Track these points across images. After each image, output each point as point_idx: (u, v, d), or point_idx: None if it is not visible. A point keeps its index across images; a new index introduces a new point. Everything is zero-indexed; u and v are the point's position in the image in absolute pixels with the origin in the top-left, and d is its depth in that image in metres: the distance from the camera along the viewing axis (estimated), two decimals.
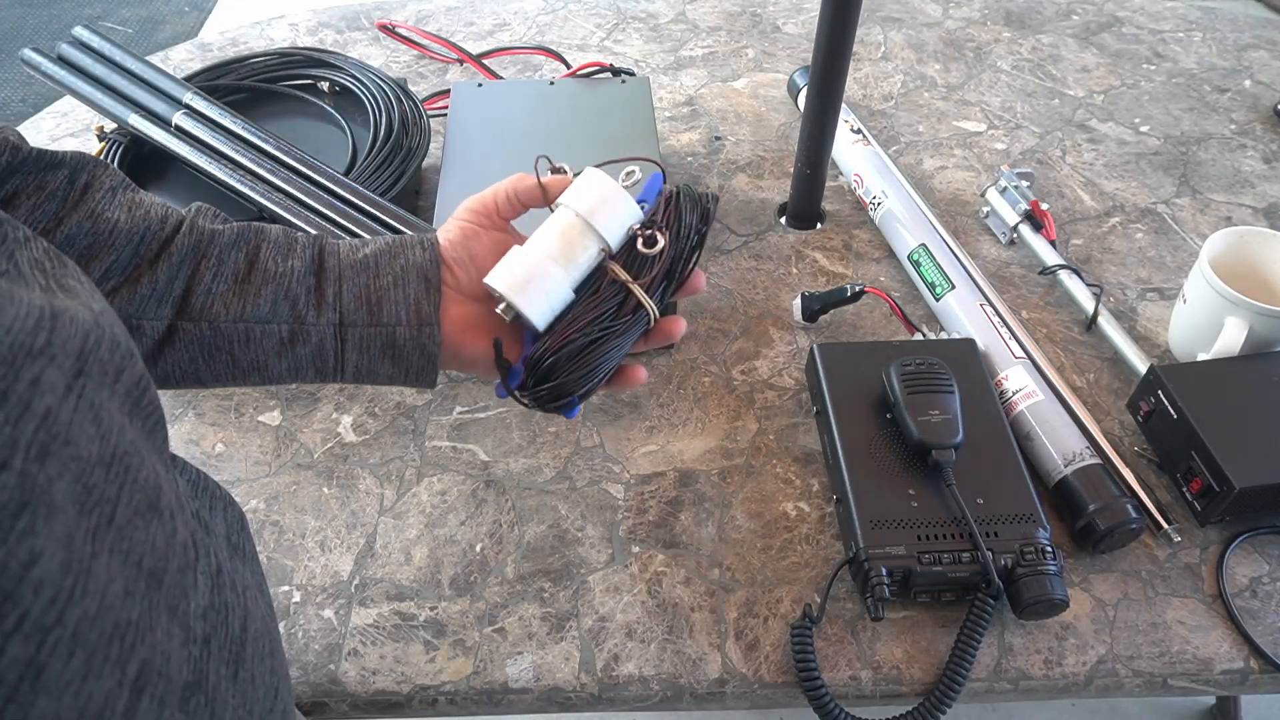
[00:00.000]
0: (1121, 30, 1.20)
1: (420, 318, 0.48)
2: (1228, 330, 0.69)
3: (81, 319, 0.26)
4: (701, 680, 0.58)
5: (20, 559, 0.21)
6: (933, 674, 0.58)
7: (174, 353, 0.46)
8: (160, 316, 0.45)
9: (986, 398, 0.67)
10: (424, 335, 0.48)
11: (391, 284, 0.48)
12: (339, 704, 0.58)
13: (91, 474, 0.25)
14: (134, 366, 0.29)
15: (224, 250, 0.47)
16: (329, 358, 0.48)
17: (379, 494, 0.68)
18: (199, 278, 0.46)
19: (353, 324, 0.47)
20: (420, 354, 0.49)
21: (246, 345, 0.46)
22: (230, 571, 0.36)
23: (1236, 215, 0.91)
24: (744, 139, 1.00)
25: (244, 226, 0.48)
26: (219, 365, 0.47)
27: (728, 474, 0.69)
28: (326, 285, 0.47)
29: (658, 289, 0.49)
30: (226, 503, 0.42)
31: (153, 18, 2.94)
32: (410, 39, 1.13)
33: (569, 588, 0.62)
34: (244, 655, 0.34)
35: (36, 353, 0.23)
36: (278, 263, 0.47)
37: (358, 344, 0.48)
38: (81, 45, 0.84)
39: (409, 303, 0.48)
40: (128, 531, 0.26)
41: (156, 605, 0.27)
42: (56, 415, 0.23)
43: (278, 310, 0.46)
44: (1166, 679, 0.59)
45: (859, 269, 0.85)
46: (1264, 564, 0.64)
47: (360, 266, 0.48)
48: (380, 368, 0.49)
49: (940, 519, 0.60)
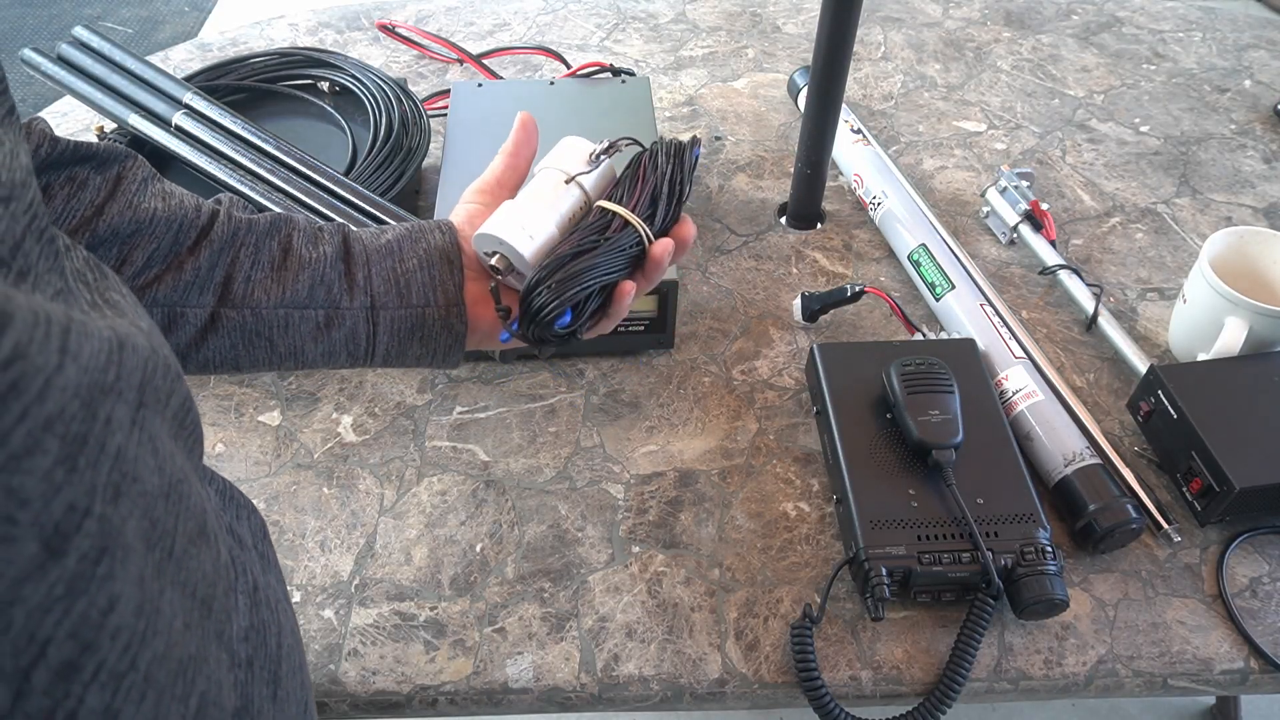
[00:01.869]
0: (1121, 30, 1.20)
1: (447, 298, 0.49)
2: (1228, 330, 0.69)
3: (140, 346, 0.25)
4: (701, 680, 0.58)
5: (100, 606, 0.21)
6: (933, 674, 0.58)
7: (216, 340, 0.46)
8: (203, 304, 0.46)
9: (986, 398, 0.67)
10: (451, 315, 0.49)
11: (417, 267, 0.49)
12: (339, 704, 0.58)
13: (155, 507, 0.24)
14: (180, 388, 0.29)
15: (260, 238, 0.47)
16: (361, 340, 0.49)
17: (379, 494, 0.68)
18: (239, 265, 0.46)
19: (384, 306, 0.48)
20: (448, 334, 0.50)
21: (285, 331, 0.47)
22: (264, 586, 0.36)
23: (1236, 215, 0.91)
24: (744, 139, 1.00)
25: (275, 216, 0.49)
26: (258, 351, 0.47)
27: (728, 474, 0.69)
28: (356, 270, 0.48)
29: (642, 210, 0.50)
30: (250, 511, 0.42)
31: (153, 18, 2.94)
32: (410, 39, 1.13)
33: (569, 588, 0.62)
34: (280, 673, 0.34)
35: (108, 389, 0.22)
36: (309, 250, 0.48)
37: (389, 326, 0.49)
38: (81, 45, 0.84)
39: (435, 284, 0.49)
40: (184, 562, 0.26)
41: (208, 634, 0.27)
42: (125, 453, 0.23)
43: (314, 295, 0.47)
44: (1166, 679, 0.59)
45: (859, 269, 0.85)
46: (1264, 564, 0.64)
47: (385, 251, 0.49)
48: (409, 349, 0.50)
49: (940, 519, 0.60)
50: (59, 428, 0.19)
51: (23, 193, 0.25)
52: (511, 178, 0.53)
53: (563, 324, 0.49)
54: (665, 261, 0.50)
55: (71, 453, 0.20)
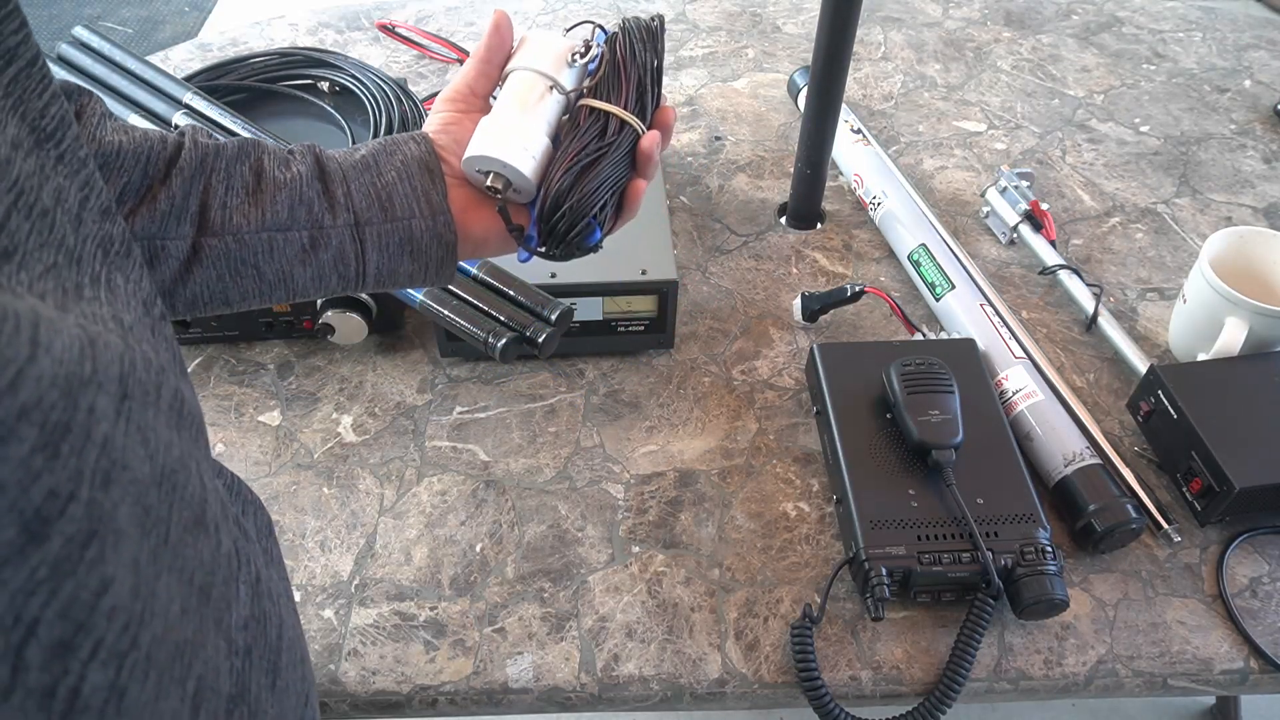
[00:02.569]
0: (1121, 30, 1.20)
1: (433, 208, 0.47)
2: (1228, 330, 0.69)
3: (113, 344, 0.25)
4: (701, 680, 0.58)
5: (92, 588, 0.21)
6: (933, 674, 0.58)
7: (201, 271, 0.45)
8: (182, 235, 0.44)
9: (986, 398, 0.67)
10: (439, 224, 0.48)
11: (396, 179, 0.47)
12: (339, 704, 0.58)
13: (148, 495, 0.25)
14: (169, 381, 0.29)
15: (229, 163, 0.46)
16: (350, 260, 0.47)
17: (379, 494, 0.68)
18: (212, 191, 0.45)
19: (368, 222, 0.47)
20: (438, 244, 0.48)
21: (270, 255, 0.46)
22: (267, 579, 0.36)
23: (1236, 215, 0.91)
24: (744, 139, 1.00)
25: (241, 140, 0.47)
26: (246, 281, 0.46)
27: (728, 474, 0.69)
28: (334, 187, 0.47)
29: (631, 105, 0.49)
30: (257, 507, 0.42)
31: (153, 18, 2.93)
32: (410, 39, 1.13)
33: (569, 588, 0.62)
34: (280, 664, 0.34)
35: (86, 380, 0.23)
36: (282, 171, 0.46)
37: (376, 242, 0.47)
38: (81, 45, 0.84)
39: (418, 195, 0.47)
40: (180, 549, 0.26)
41: (206, 620, 0.27)
42: (113, 440, 0.23)
43: (295, 216, 0.46)
44: (1166, 679, 0.59)
45: (859, 269, 0.85)
46: (1264, 564, 0.64)
47: (361, 166, 0.47)
48: (400, 266, 0.48)
49: (940, 519, 0.60)
50: (36, 416, 0.20)
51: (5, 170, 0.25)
52: (485, 85, 0.51)
53: (594, 240, 0.48)
54: (656, 155, 0.48)
55: (53, 440, 0.20)
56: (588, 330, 0.74)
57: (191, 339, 0.77)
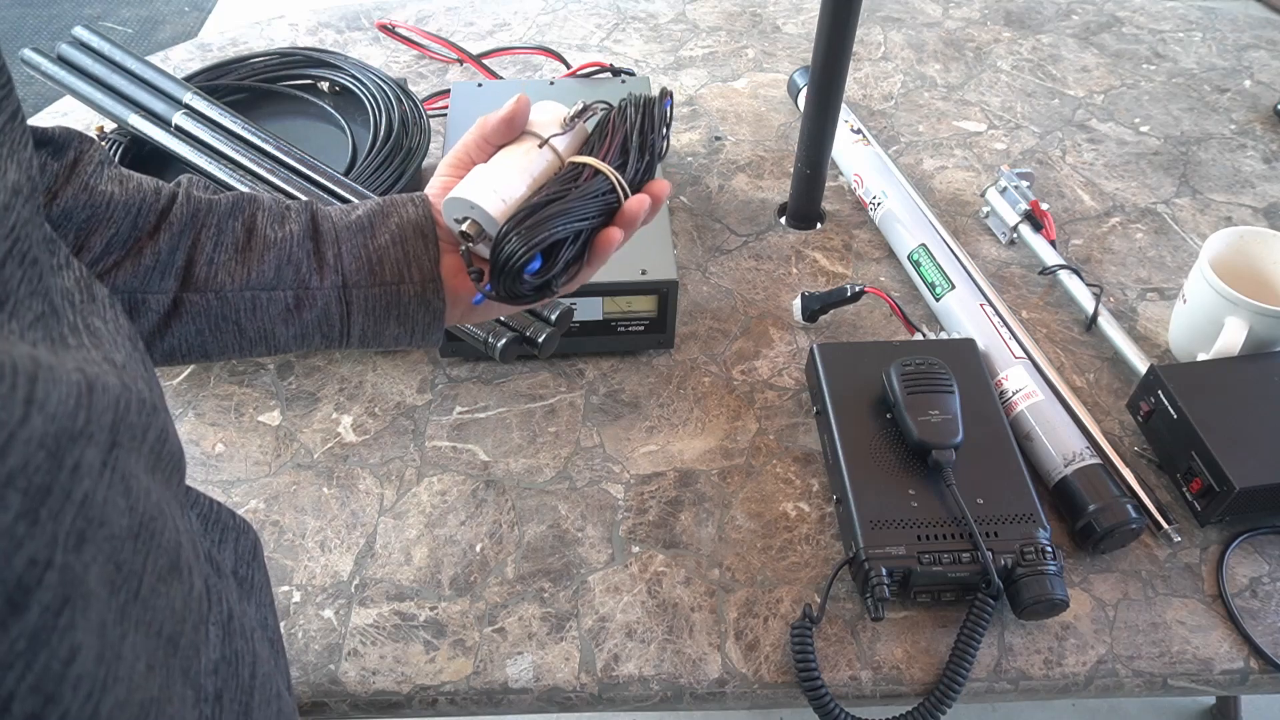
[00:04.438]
0: (1121, 30, 1.20)
1: (423, 274, 0.47)
2: (1228, 330, 0.69)
3: (110, 386, 0.25)
4: (701, 680, 0.58)
5: (62, 657, 0.20)
6: (933, 674, 0.58)
7: (180, 326, 0.45)
8: (165, 290, 0.44)
9: (986, 398, 0.67)
10: (428, 292, 0.48)
11: (389, 243, 0.47)
12: (339, 704, 0.58)
13: (122, 550, 0.24)
14: (157, 420, 0.28)
15: (222, 219, 0.46)
16: (335, 322, 0.47)
17: (379, 494, 0.68)
18: (200, 247, 0.45)
19: (357, 285, 0.46)
20: (425, 311, 0.48)
21: (253, 314, 0.46)
22: (240, 615, 0.35)
23: (1236, 215, 0.91)
24: (744, 139, 1.00)
25: (238, 195, 0.47)
26: (226, 336, 0.46)
27: (728, 474, 0.69)
28: (325, 248, 0.46)
29: (614, 162, 0.49)
30: (239, 532, 0.41)
31: (153, 18, 2.93)
32: (410, 39, 1.13)
33: (569, 588, 0.62)
34: (252, 704, 0.34)
35: (77, 434, 0.22)
36: (275, 229, 0.46)
37: (363, 305, 0.47)
38: (81, 45, 0.84)
39: (409, 260, 0.47)
40: (151, 601, 0.25)
41: (173, 672, 0.27)
42: (93, 498, 0.22)
43: (282, 276, 0.46)
44: (1166, 679, 0.59)
45: (859, 269, 0.85)
46: (1264, 564, 0.64)
47: (356, 228, 0.47)
48: (386, 329, 0.48)
49: (940, 519, 0.60)
50: (21, 481, 0.19)
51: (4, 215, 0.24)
52: (481, 155, 0.51)
53: (532, 270, 0.47)
54: (640, 217, 0.48)
55: (33, 505, 0.20)
56: (588, 330, 0.74)
57: None
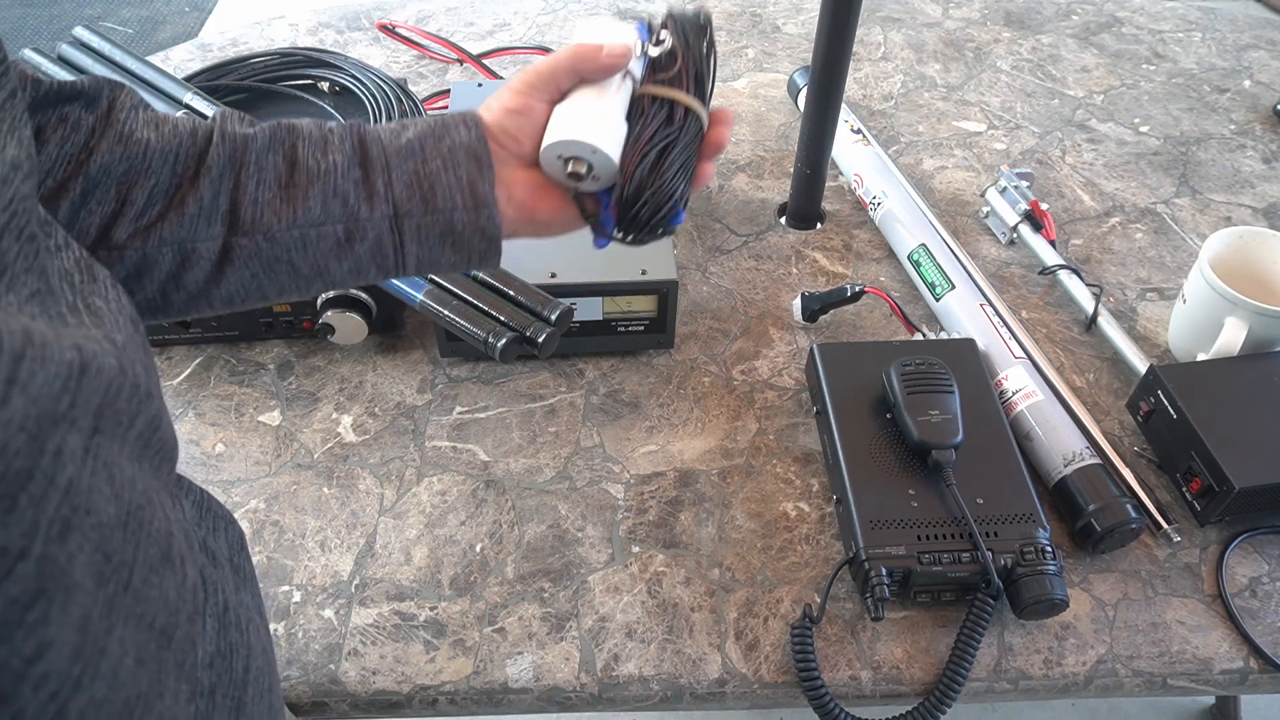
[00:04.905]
0: (1121, 30, 1.20)
1: (476, 199, 0.45)
2: (1227, 330, 0.69)
3: (107, 368, 0.24)
4: (701, 680, 0.58)
5: (25, 655, 0.19)
6: (933, 674, 0.58)
7: (235, 271, 0.44)
8: (213, 236, 0.43)
9: (986, 398, 0.67)
10: (482, 218, 0.46)
11: (441, 167, 0.45)
12: (339, 704, 0.58)
13: (110, 539, 0.23)
14: (149, 407, 0.27)
15: (260, 155, 0.44)
16: (388, 253, 0.46)
17: (379, 494, 0.68)
18: (242, 188, 0.43)
19: (408, 214, 0.45)
20: (480, 238, 0.46)
21: (304, 251, 0.44)
22: (235, 605, 0.35)
23: (1236, 215, 0.91)
24: (744, 139, 1.00)
25: (275, 126, 0.45)
26: (281, 276, 0.45)
27: (728, 474, 0.69)
28: (375, 176, 0.44)
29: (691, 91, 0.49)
30: (228, 522, 0.41)
31: (153, 18, 2.93)
32: (410, 39, 1.13)
33: (569, 588, 0.62)
34: (245, 698, 0.33)
35: (60, 419, 0.21)
36: (318, 160, 0.44)
37: (415, 234, 0.45)
38: (81, 45, 0.84)
39: (462, 185, 0.45)
40: (143, 592, 0.25)
41: (166, 666, 0.26)
42: (78, 484, 0.22)
43: (329, 210, 0.44)
44: (1166, 679, 0.59)
45: (859, 269, 0.85)
46: (1264, 564, 0.64)
47: (406, 152, 0.45)
48: (441, 256, 0.47)
49: (940, 519, 0.60)
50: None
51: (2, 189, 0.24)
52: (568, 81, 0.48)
53: (677, 221, 0.48)
54: (726, 142, 0.48)
55: (12, 491, 0.19)
56: (588, 330, 0.74)
57: (191, 339, 0.77)
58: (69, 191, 0.39)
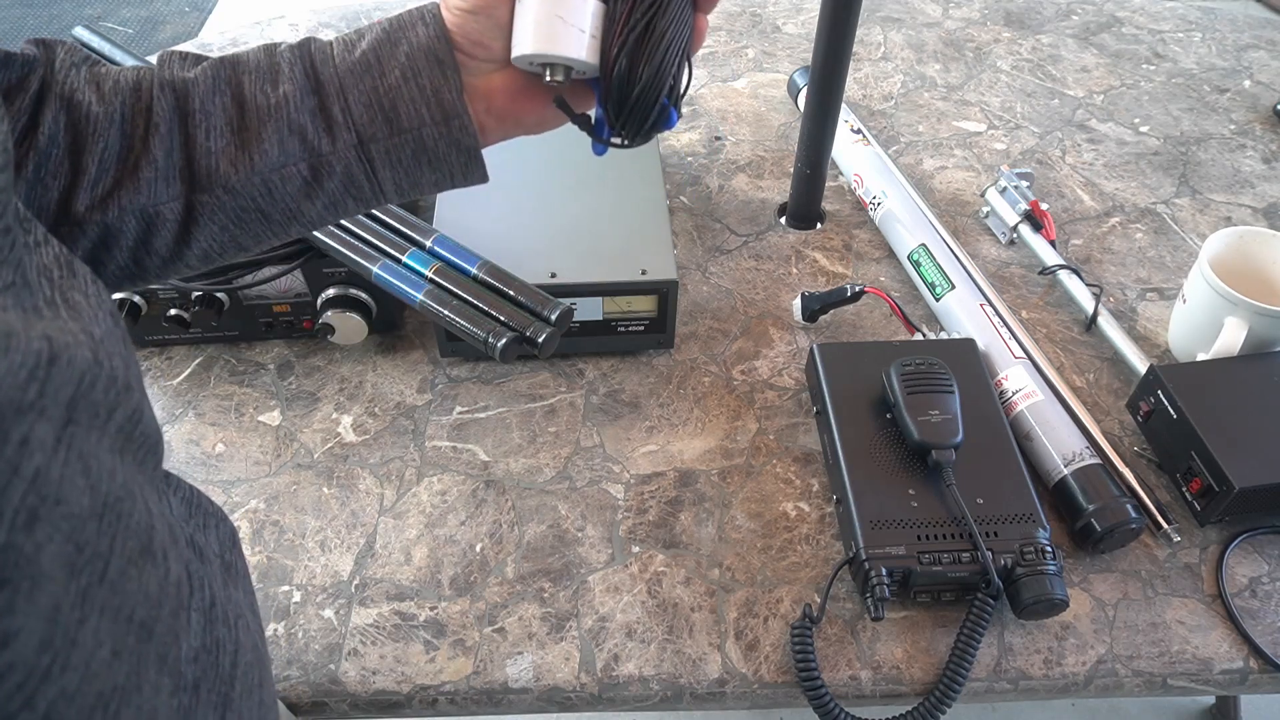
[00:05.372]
0: (1121, 30, 1.20)
1: (445, 111, 0.42)
2: (1227, 330, 0.69)
3: (80, 359, 0.24)
4: (701, 680, 0.58)
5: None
6: (933, 674, 0.58)
7: (202, 229, 0.42)
8: (173, 196, 0.40)
9: (986, 398, 0.67)
10: (454, 129, 0.42)
11: (401, 79, 0.41)
12: (339, 704, 0.58)
13: (83, 531, 0.23)
14: (129, 400, 0.27)
15: (205, 99, 0.41)
16: (362, 184, 0.43)
17: (379, 494, 0.68)
18: (193, 140, 0.40)
19: (373, 139, 0.41)
20: (457, 151, 0.43)
21: (270, 198, 0.42)
22: (223, 601, 0.34)
23: (1236, 215, 0.91)
24: (744, 139, 1.00)
25: (217, 63, 0.41)
26: (253, 225, 0.43)
27: (728, 474, 0.69)
28: (330, 103, 0.41)
29: None
30: (219, 519, 0.40)
31: (153, 18, 2.94)
32: None
33: (569, 588, 0.62)
34: (232, 694, 0.33)
35: (26, 408, 0.21)
36: (267, 94, 0.41)
37: (386, 159, 0.42)
38: (82, 45, 0.84)
39: (426, 97, 0.41)
40: (120, 585, 0.24)
41: (146, 659, 0.26)
42: (46, 474, 0.21)
43: (288, 149, 0.41)
44: (1166, 679, 0.59)
45: (859, 269, 0.85)
46: (1264, 564, 0.64)
47: (361, 68, 0.41)
48: (421, 177, 0.44)
49: (940, 519, 0.60)
50: None
51: None
52: None
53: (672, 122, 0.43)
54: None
55: None
56: (588, 330, 0.74)
57: (191, 339, 0.77)
58: (23, 170, 0.38)
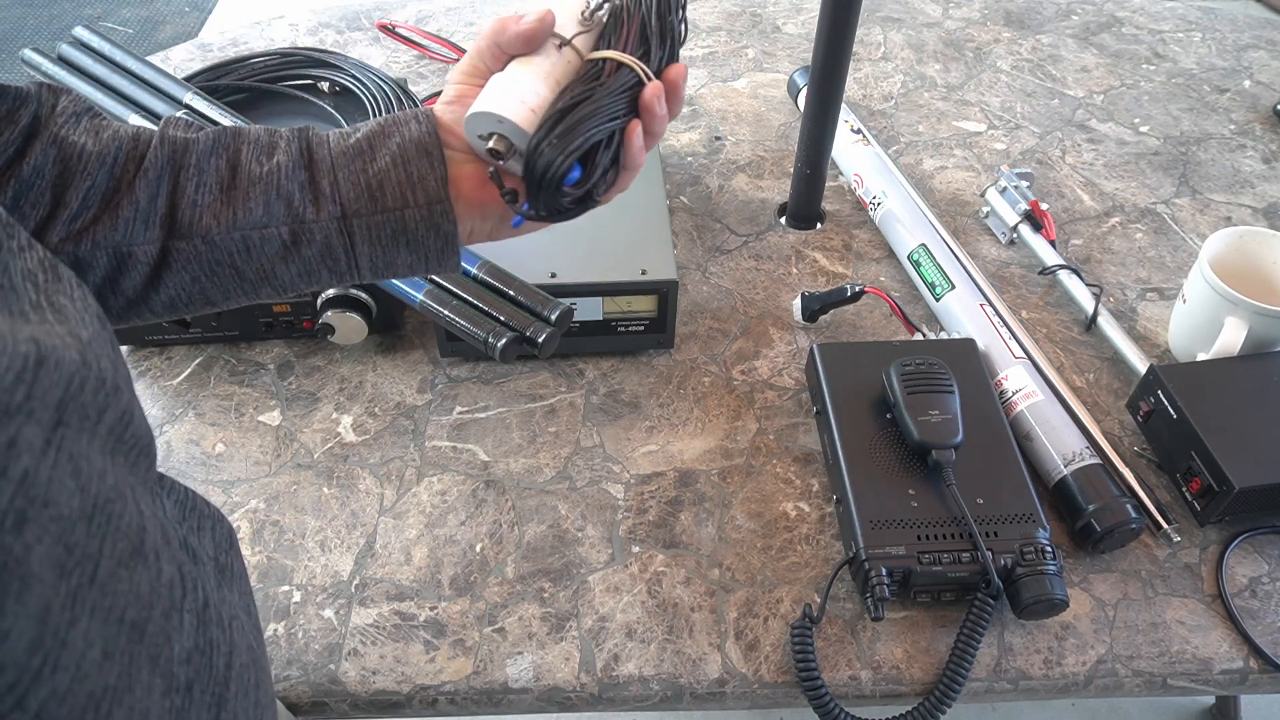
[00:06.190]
0: (1121, 30, 1.20)
1: (428, 196, 0.44)
2: (1227, 330, 0.69)
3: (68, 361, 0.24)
4: (701, 680, 0.58)
5: None
6: (933, 674, 0.58)
7: (173, 276, 0.43)
8: (150, 239, 0.42)
9: (986, 398, 0.67)
10: (436, 214, 0.44)
11: (390, 165, 0.44)
12: (339, 704, 0.58)
13: (73, 532, 0.23)
14: (118, 402, 0.27)
15: (202, 158, 0.43)
16: (339, 255, 0.44)
17: (379, 494, 0.68)
18: (181, 191, 0.42)
19: (356, 214, 0.43)
20: (435, 235, 0.45)
21: (248, 255, 0.43)
22: (217, 603, 0.35)
23: (1236, 215, 0.91)
24: (744, 139, 1.00)
25: (220, 130, 0.44)
26: (225, 281, 0.44)
27: (728, 474, 0.69)
28: (320, 178, 0.43)
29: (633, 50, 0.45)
30: (215, 520, 0.40)
31: (153, 18, 2.93)
32: (410, 39, 1.13)
33: (569, 588, 0.62)
34: (227, 695, 0.33)
35: (14, 410, 0.21)
36: (262, 163, 0.43)
37: (366, 235, 0.44)
38: (82, 45, 0.84)
39: (412, 182, 0.44)
40: (111, 585, 0.25)
41: (138, 660, 0.26)
42: (34, 476, 0.22)
43: (272, 212, 0.43)
44: (1166, 679, 0.59)
45: (859, 269, 0.85)
46: (1264, 564, 0.64)
47: (354, 152, 0.44)
48: (397, 257, 0.45)
49: (940, 519, 0.60)
50: None
51: None
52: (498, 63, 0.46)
53: (572, 179, 0.43)
54: (656, 107, 0.44)
55: None
56: (588, 330, 0.74)
57: (191, 339, 0.77)
58: (1, 194, 0.39)
